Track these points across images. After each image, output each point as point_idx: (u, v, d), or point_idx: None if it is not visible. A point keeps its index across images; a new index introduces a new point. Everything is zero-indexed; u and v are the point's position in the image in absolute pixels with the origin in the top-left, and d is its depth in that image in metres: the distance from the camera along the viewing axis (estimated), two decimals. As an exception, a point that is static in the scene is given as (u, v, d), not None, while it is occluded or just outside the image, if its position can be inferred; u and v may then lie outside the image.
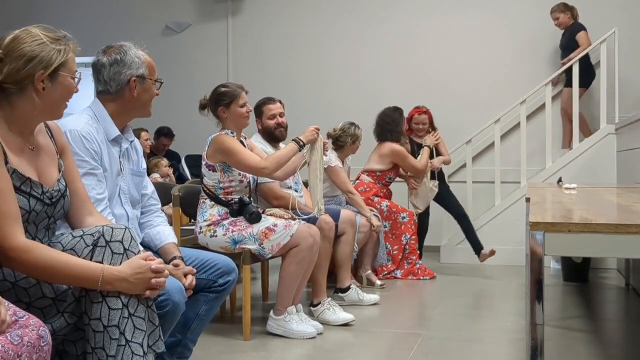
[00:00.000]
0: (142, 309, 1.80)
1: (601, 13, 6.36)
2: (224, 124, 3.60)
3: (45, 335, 1.50)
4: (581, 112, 6.13)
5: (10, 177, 1.75)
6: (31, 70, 1.78)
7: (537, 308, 1.81)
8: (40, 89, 1.80)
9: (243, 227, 3.44)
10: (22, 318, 1.50)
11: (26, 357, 1.44)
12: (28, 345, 1.44)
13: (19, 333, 1.45)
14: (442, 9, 6.88)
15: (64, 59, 1.83)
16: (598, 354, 3.27)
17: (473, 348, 3.37)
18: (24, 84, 1.79)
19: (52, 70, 1.81)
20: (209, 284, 2.42)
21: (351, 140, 4.89)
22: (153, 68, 2.43)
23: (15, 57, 1.77)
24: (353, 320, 3.76)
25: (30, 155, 1.86)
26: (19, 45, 1.78)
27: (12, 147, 1.80)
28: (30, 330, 1.48)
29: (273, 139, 4.14)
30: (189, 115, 7.49)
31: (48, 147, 1.95)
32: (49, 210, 1.88)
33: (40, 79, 1.80)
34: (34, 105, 1.82)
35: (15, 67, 1.77)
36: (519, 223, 5.52)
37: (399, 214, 5.19)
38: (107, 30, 7.57)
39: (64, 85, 1.86)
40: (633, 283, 4.77)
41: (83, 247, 1.79)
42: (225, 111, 3.55)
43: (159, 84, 2.45)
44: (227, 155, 3.43)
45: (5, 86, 1.78)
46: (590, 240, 1.75)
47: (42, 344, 1.49)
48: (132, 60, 2.36)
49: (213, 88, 3.63)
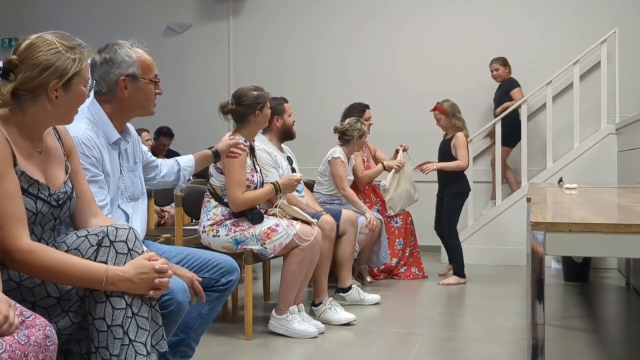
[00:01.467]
0: (145, 308, 1.81)
1: (602, 13, 6.37)
2: (245, 128, 3.59)
3: (51, 335, 1.51)
4: (509, 169, 6.33)
5: (18, 180, 1.76)
6: (45, 80, 1.78)
7: (538, 308, 1.82)
8: (53, 97, 1.81)
9: (245, 228, 3.46)
10: (29, 318, 1.51)
11: (33, 357, 1.45)
12: (35, 345, 1.46)
13: (25, 333, 1.46)
14: (442, 9, 6.88)
15: (78, 68, 1.83)
16: (599, 353, 3.28)
17: (474, 347, 3.38)
18: (38, 92, 1.80)
19: (66, 80, 1.81)
20: (212, 284, 2.43)
21: (358, 134, 4.89)
22: (148, 67, 2.37)
23: (30, 65, 1.77)
24: (355, 320, 3.78)
25: (39, 158, 1.87)
26: (34, 52, 1.78)
27: (21, 150, 1.81)
28: (36, 330, 1.49)
29: (289, 137, 4.20)
30: (189, 115, 7.55)
31: (56, 149, 1.96)
32: (55, 212, 1.89)
33: (54, 87, 1.80)
34: (46, 112, 1.83)
35: (30, 75, 1.77)
36: (520, 223, 5.53)
37: (391, 219, 5.19)
38: (108, 31, 7.57)
39: (76, 94, 1.87)
40: (634, 283, 4.78)
41: (87, 247, 1.80)
42: (259, 114, 3.57)
43: (155, 84, 2.39)
44: (228, 164, 3.43)
45: (19, 92, 1.79)
46: (590, 240, 1.76)
47: (48, 344, 1.50)
48: (122, 59, 2.32)
49: (237, 93, 3.60)
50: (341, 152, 4.86)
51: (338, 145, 4.92)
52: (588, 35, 6.18)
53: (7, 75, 1.79)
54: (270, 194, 3.56)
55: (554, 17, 6.54)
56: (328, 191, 4.92)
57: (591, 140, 5.97)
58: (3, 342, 1.41)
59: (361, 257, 4.90)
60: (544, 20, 6.55)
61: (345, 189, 4.80)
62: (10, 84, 1.77)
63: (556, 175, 5.61)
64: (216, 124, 4.10)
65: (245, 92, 3.59)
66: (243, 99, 3.57)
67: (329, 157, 4.88)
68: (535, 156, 6.26)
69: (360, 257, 4.86)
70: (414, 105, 6.55)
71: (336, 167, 4.81)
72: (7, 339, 1.42)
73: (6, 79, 1.79)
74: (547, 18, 6.53)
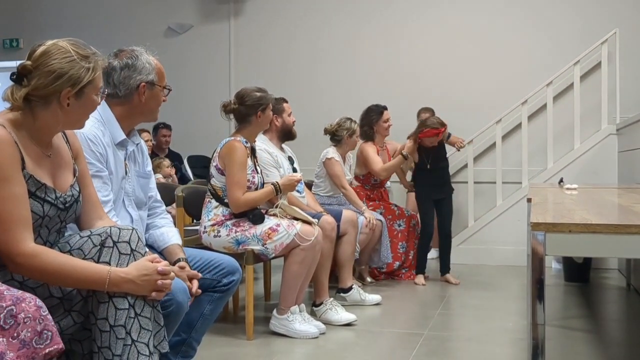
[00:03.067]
0: (148, 309, 1.82)
1: (602, 13, 6.37)
2: (247, 129, 3.60)
3: (42, 306, 1.53)
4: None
5: (25, 183, 1.77)
6: (58, 87, 1.79)
7: (539, 308, 1.83)
8: (65, 105, 1.82)
9: (246, 228, 3.47)
10: (17, 293, 1.54)
11: (27, 333, 1.46)
12: (25, 321, 1.47)
13: (14, 310, 1.48)
14: (443, 9, 6.89)
15: (91, 77, 1.84)
16: (599, 353, 3.29)
17: (475, 348, 3.38)
18: (50, 99, 1.80)
19: (79, 89, 1.82)
20: (213, 284, 2.44)
21: (347, 134, 4.89)
22: (163, 75, 2.44)
23: (44, 72, 1.78)
24: (355, 321, 3.78)
25: (48, 161, 1.88)
26: (48, 60, 1.78)
27: (30, 154, 1.82)
28: (26, 304, 1.51)
29: (289, 137, 4.21)
30: (191, 115, 7.56)
31: (64, 152, 1.97)
32: (62, 214, 1.90)
33: (66, 95, 1.81)
34: (57, 119, 1.84)
35: (44, 83, 1.78)
36: (520, 223, 5.54)
37: (394, 221, 5.18)
38: (110, 32, 7.60)
39: (88, 102, 1.88)
40: (634, 283, 4.78)
41: (90, 247, 1.81)
42: (261, 115, 3.58)
43: (167, 91, 2.46)
44: (229, 165, 3.44)
45: (31, 98, 1.79)
46: (590, 240, 1.76)
47: (42, 314, 1.52)
48: (143, 66, 2.37)
49: (240, 93, 3.62)
50: (334, 152, 4.87)
51: (331, 146, 4.93)
52: (589, 36, 6.18)
53: (20, 80, 1.80)
54: (271, 194, 3.56)
55: (555, 17, 6.54)
56: (325, 192, 4.93)
57: (592, 140, 5.98)
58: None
59: (362, 258, 4.90)
60: (544, 20, 6.55)
61: (346, 188, 4.80)
62: (23, 89, 1.78)
63: (557, 176, 5.62)
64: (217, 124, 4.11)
65: (248, 92, 3.60)
66: (246, 100, 3.58)
67: (323, 159, 4.89)
68: (535, 157, 6.26)
69: (360, 258, 4.87)
70: (415, 104, 6.54)
71: (332, 167, 4.82)
72: None
73: (19, 84, 1.79)
74: (547, 18, 6.53)
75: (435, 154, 5.14)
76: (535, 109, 6.49)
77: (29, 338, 1.49)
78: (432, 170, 5.12)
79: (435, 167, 5.13)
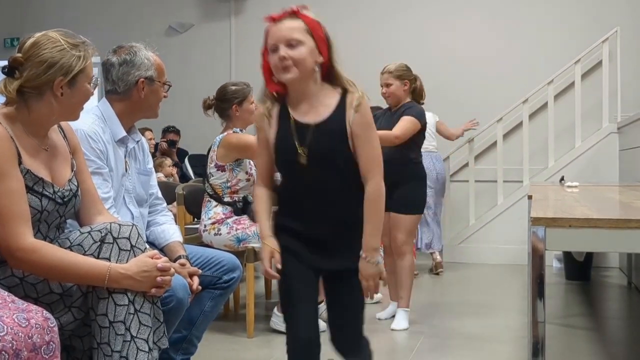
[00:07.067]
0: (147, 305, 1.82)
1: (604, 12, 6.36)
2: (232, 123, 3.60)
3: (50, 317, 1.54)
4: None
5: (23, 178, 1.77)
6: (51, 77, 1.80)
7: (539, 305, 1.83)
8: (58, 95, 1.82)
9: (247, 226, 3.46)
10: (23, 305, 1.53)
11: (38, 338, 1.46)
12: (36, 326, 1.47)
13: (24, 316, 1.47)
14: (445, 6, 6.88)
15: (83, 65, 1.84)
16: (600, 351, 3.29)
17: (475, 346, 3.38)
18: (43, 89, 1.81)
19: (71, 77, 1.82)
20: (214, 281, 2.45)
21: None
22: (162, 70, 2.43)
23: (36, 63, 1.78)
24: (356, 319, 3.77)
25: (45, 155, 1.88)
26: (39, 50, 1.79)
27: (27, 148, 1.82)
28: (34, 313, 1.50)
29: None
30: (192, 115, 7.53)
31: (61, 147, 1.97)
32: (61, 209, 1.90)
33: (59, 85, 1.81)
34: (52, 110, 1.84)
35: (36, 73, 1.78)
36: (522, 222, 5.53)
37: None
38: (111, 31, 7.57)
39: (82, 91, 1.88)
40: (635, 281, 4.78)
41: (90, 243, 1.81)
42: (238, 109, 3.58)
43: (167, 87, 2.45)
44: (244, 150, 3.44)
45: (24, 90, 1.80)
46: (590, 235, 1.76)
47: (50, 325, 1.52)
48: (142, 62, 2.36)
49: (218, 88, 3.64)
50: None
51: None
52: (589, 34, 6.17)
53: (12, 72, 1.80)
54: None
55: (555, 16, 6.53)
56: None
57: (593, 139, 5.98)
58: (3, 324, 1.42)
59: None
60: (545, 19, 6.54)
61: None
62: (15, 81, 1.78)
63: (557, 174, 5.61)
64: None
65: (225, 86, 3.64)
66: (222, 94, 3.61)
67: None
68: (536, 155, 6.25)
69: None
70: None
71: None
72: (7, 321, 1.43)
73: (12, 76, 1.80)
74: (548, 17, 6.52)
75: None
76: (536, 108, 6.48)
77: (39, 344, 1.49)
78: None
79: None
